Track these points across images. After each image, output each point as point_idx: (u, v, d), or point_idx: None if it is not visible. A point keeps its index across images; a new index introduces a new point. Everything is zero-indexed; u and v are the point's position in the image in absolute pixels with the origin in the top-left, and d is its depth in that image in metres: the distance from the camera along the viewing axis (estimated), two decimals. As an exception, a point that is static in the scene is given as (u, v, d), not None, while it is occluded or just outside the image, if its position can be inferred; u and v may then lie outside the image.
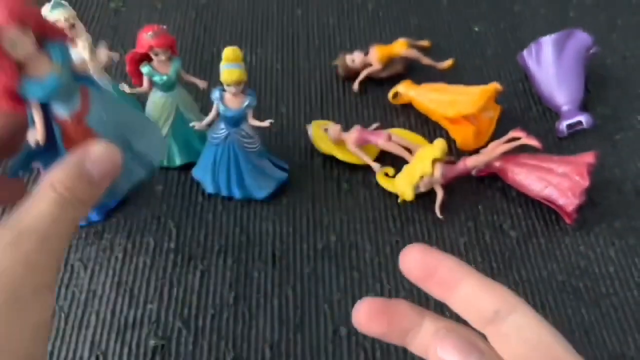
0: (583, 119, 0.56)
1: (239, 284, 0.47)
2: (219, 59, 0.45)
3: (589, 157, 0.49)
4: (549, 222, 0.51)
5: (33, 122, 0.30)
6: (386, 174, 0.53)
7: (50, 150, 0.32)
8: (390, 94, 0.59)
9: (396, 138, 0.53)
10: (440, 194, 0.50)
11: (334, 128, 0.53)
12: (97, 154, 0.29)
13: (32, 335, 0.27)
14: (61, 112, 0.31)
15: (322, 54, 0.65)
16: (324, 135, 0.54)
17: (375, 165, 0.53)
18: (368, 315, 0.25)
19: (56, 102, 0.30)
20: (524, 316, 0.23)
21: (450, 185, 0.52)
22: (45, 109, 0.31)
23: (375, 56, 0.59)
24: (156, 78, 0.49)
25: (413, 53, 0.61)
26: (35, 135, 0.31)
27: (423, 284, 0.25)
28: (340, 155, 0.53)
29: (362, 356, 0.43)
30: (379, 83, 0.62)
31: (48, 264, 0.27)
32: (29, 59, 0.28)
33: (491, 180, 0.54)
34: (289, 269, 0.48)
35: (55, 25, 0.30)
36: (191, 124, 0.49)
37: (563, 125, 0.56)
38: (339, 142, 0.54)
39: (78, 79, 0.31)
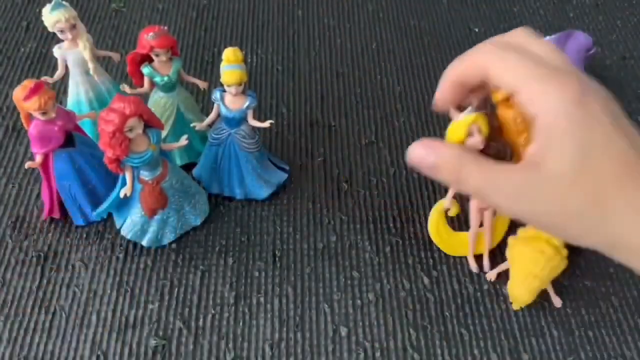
0: (582, 119, 0.56)
1: (239, 284, 0.47)
2: (220, 59, 0.45)
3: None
4: (549, 222, 0.51)
5: (124, 181, 0.44)
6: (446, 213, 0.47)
7: (124, 202, 0.47)
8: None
9: None
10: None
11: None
12: None
13: None
14: (147, 175, 0.44)
15: (322, 54, 0.65)
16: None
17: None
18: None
19: (145, 169, 0.44)
20: None
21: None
22: (133, 172, 0.44)
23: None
24: (157, 79, 0.49)
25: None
26: (125, 190, 0.44)
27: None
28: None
29: (362, 356, 0.43)
30: (378, 83, 0.62)
31: None
32: (136, 139, 0.41)
33: (491, 181, 0.54)
34: (289, 269, 0.48)
35: (155, 116, 0.43)
36: (192, 125, 0.49)
37: (563, 125, 0.56)
38: None
39: (162, 154, 0.45)
